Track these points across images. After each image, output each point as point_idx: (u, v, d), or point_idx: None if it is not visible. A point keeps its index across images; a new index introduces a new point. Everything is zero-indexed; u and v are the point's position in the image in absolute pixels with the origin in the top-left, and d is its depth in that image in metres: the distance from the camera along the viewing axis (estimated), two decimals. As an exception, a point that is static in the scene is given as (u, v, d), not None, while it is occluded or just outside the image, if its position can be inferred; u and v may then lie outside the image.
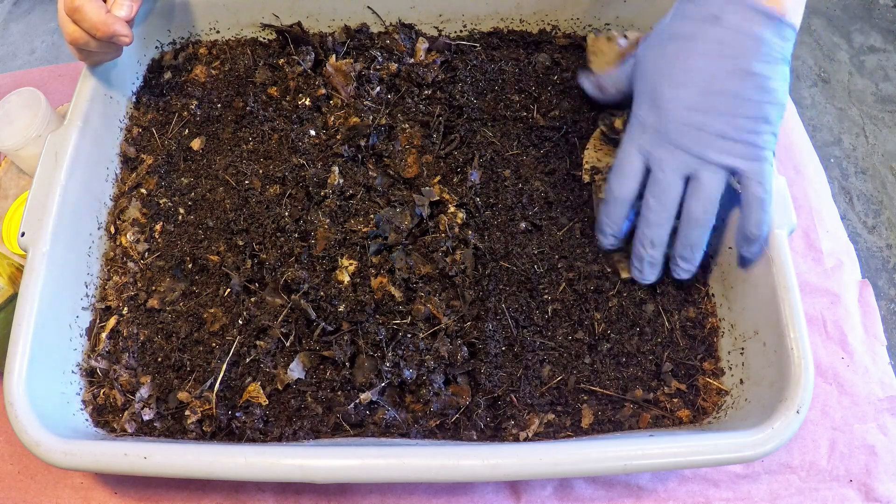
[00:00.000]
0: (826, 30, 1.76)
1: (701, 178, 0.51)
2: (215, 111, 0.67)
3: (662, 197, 0.52)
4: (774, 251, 0.52)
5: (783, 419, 0.46)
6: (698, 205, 0.51)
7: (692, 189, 0.51)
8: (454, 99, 0.65)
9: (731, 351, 0.55)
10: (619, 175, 0.54)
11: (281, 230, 0.58)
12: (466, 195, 0.60)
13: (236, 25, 0.71)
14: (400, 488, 0.55)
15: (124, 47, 0.58)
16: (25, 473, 0.57)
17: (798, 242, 0.67)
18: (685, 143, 0.50)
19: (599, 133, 0.62)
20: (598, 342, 0.56)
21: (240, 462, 0.45)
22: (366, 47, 0.69)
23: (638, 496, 0.55)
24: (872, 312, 0.64)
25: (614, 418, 0.53)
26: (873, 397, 0.59)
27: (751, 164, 0.50)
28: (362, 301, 0.55)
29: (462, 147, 0.63)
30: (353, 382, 0.53)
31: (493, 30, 0.71)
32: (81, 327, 0.57)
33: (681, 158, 0.51)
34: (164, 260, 0.60)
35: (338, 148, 0.62)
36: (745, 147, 0.49)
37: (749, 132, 0.49)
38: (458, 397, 0.53)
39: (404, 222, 0.58)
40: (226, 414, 0.53)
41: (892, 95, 1.66)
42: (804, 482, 0.56)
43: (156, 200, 0.63)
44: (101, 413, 0.55)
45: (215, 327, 0.56)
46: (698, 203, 0.51)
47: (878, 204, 1.51)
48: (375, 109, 0.64)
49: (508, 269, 0.57)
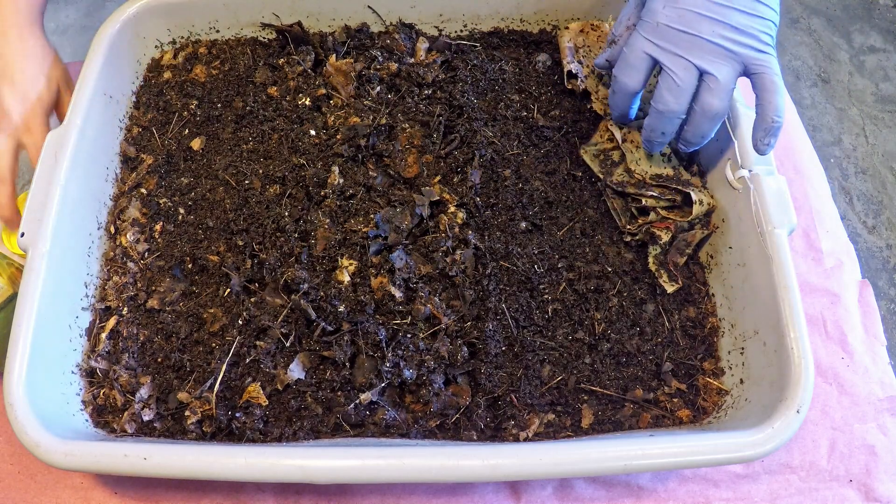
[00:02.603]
0: (826, 30, 1.76)
1: (716, 71, 0.51)
2: (215, 111, 0.67)
3: (676, 91, 0.52)
4: (774, 251, 0.52)
5: (783, 419, 0.46)
6: (714, 98, 0.52)
7: (708, 83, 0.52)
8: (454, 99, 0.65)
9: (731, 351, 0.55)
10: (627, 68, 0.55)
11: (281, 230, 0.58)
12: (466, 195, 0.60)
13: (236, 25, 0.70)
14: (400, 488, 0.55)
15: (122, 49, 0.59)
16: (25, 473, 0.57)
17: (798, 242, 0.67)
18: (702, 35, 0.51)
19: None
20: (598, 342, 0.56)
21: (240, 462, 0.45)
22: (366, 47, 0.69)
23: (638, 496, 0.55)
24: (872, 312, 0.64)
25: (614, 418, 0.53)
26: (873, 397, 0.59)
27: (763, 56, 0.52)
28: (362, 301, 0.54)
29: (462, 147, 0.63)
30: (353, 383, 0.53)
31: (494, 29, 0.71)
32: (81, 327, 0.57)
33: (697, 52, 0.52)
34: (164, 260, 0.60)
35: (338, 148, 0.62)
36: (756, 40, 0.51)
37: (759, 26, 0.51)
38: (458, 397, 0.53)
39: (404, 222, 0.58)
40: (226, 414, 0.53)
41: (892, 95, 1.66)
42: (804, 482, 0.56)
43: (156, 200, 0.63)
44: (101, 413, 0.55)
45: (215, 327, 0.56)
46: (714, 96, 0.52)
47: (878, 204, 1.51)
48: (375, 109, 0.64)
49: (508, 269, 0.57)
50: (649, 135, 0.56)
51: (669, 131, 0.55)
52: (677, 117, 0.54)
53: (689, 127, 0.54)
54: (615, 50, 0.59)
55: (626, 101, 0.57)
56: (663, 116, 0.54)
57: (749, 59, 0.51)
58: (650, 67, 0.54)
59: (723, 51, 0.51)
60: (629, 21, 0.58)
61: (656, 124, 0.55)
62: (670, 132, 0.55)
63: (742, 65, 0.52)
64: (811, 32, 1.75)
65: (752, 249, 0.54)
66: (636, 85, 0.55)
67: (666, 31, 0.52)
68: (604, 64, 0.61)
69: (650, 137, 0.56)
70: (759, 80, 0.52)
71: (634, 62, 0.54)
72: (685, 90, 0.52)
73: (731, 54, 0.51)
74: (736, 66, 0.52)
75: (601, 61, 0.61)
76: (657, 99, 0.54)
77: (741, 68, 0.52)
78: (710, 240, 0.60)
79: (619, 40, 0.59)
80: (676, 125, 0.55)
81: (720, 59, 0.51)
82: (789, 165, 0.71)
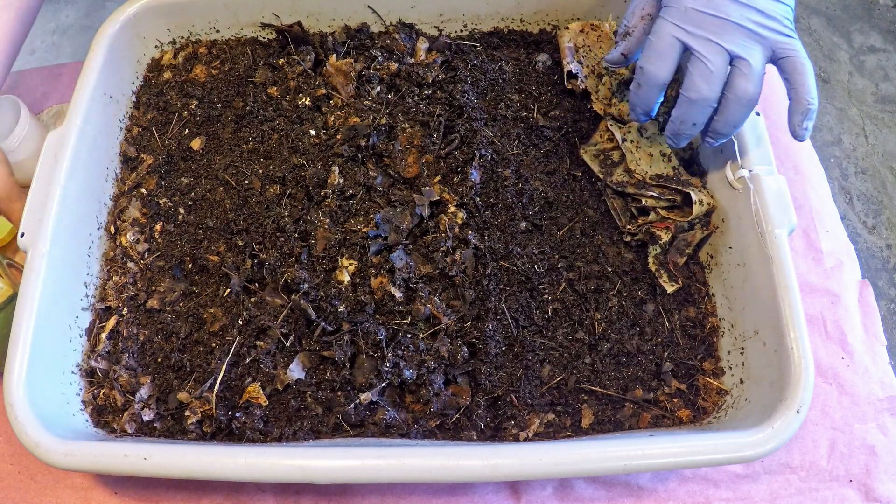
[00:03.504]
0: (826, 30, 1.76)
1: (749, 55, 0.50)
2: (215, 111, 0.67)
3: (709, 77, 0.50)
4: (774, 251, 0.52)
5: (783, 419, 0.46)
6: (749, 84, 0.50)
7: (741, 68, 0.50)
8: (454, 99, 0.65)
9: (731, 351, 0.55)
10: (655, 56, 0.52)
11: (281, 230, 0.58)
12: (466, 195, 0.60)
13: (236, 25, 0.70)
14: (400, 488, 0.55)
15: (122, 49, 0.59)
16: (25, 474, 0.57)
17: (798, 242, 0.67)
18: (731, 19, 0.50)
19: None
20: (598, 342, 0.56)
21: (240, 463, 0.45)
22: (366, 47, 0.69)
23: (638, 496, 0.55)
24: (872, 312, 0.64)
25: (614, 418, 0.53)
26: (873, 397, 0.59)
27: (790, 40, 0.51)
28: (362, 301, 0.54)
29: (462, 147, 0.63)
30: (353, 383, 0.53)
31: (494, 29, 0.71)
32: (81, 328, 0.57)
33: (728, 36, 0.50)
34: (164, 260, 0.60)
35: (338, 148, 0.62)
36: (780, 24, 0.51)
37: (781, 10, 0.51)
38: (458, 397, 0.53)
39: (404, 222, 0.58)
40: (226, 414, 0.53)
41: (892, 95, 1.66)
42: (804, 482, 0.56)
43: (156, 200, 0.63)
44: (101, 413, 0.55)
45: (215, 327, 0.56)
46: (749, 82, 0.50)
47: (878, 204, 1.51)
48: (375, 109, 0.64)
49: (508, 269, 0.57)
50: (678, 127, 0.53)
51: (701, 121, 0.53)
52: (710, 106, 0.51)
53: (721, 116, 0.52)
54: (631, 42, 0.56)
55: (653, 94, 0.54)
56: (695, 105, 0.51)
57: (777, 43, 0.50)
58: (679, 55, 0.52)
59: (753, 34, 0.50)
60: (644, 11, 0.55)
61: (687, 114, 0.52)
62: (701, 122, 0.53)
63: (770, 49, 0.51)
64: (811, 32, 1.75)
65: (752, 249, 0.54)
66: (666, 74, 0.52)
67: (695, 16, 0.51)
68: (618, 58, 0.57)
69: (679, 130, 0.54)
70: (788, 64, 0.51)
71: (663, 49, 0.52)
72: (718, 76, 0.50)
73: (761, 38, 0.50)
74: (765, 51, 0.51)
75: (615, 55, 0.57)
76: (688, 87, 0.51)
77: (770, 53, 0.51)
78: (710, 240, 0.60)
79: (633, 31, 0.56)
80: (708, 114, 0.52)
81: (751, 42, 0.50)
82: (789, 165, 0.71)
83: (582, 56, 0.67)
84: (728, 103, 0.51)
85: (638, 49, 0.56)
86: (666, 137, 0.56)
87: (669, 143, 0.55)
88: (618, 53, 0.57)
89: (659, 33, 0.52)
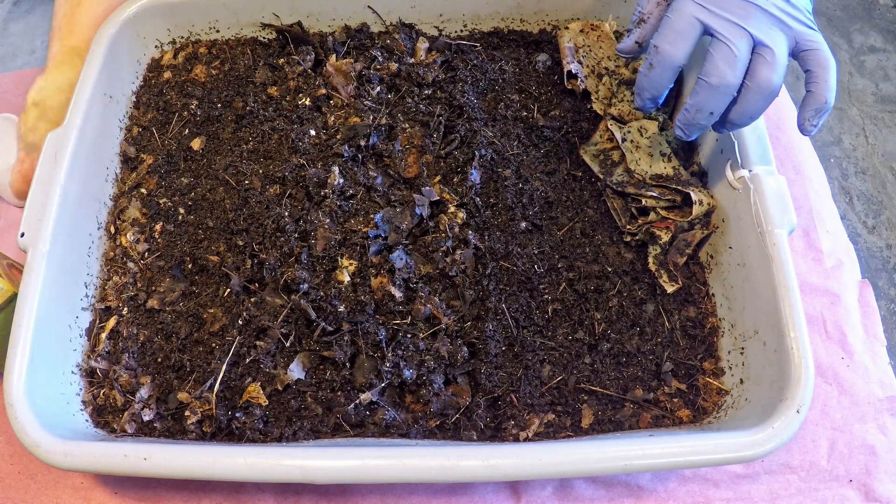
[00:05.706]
0: (826, 30, 1.76)
1: (773, 43, 0.48)
2: (215, 111, 0.67)
3: (733, 62, 0.48)
4: (774, 251, 0.52)
5: (783, 419, 0.46)
6: (772, 73, 0.48)
7: (764, 56, 0.48)
8: (454, 99, 0.65)
9: (731, 351, 0.55)
10: (673, 35, 0.49)
11: (281, 230, 0.58)
12: (466, 195, 0.60)
13: (236, 25, 0.70)
14: (400, 488, 0.55)
15: (122, 49, 0.59)
16: (25, 474, 0.57)
17: (798, 242, 0.67)
18: (757, 3, 0.48)
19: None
20: (598, 342, 0.56)
21: (240, 463, 0.45)
22: (366, 47, 0.69)
23: (638, 496, 0.55)
24: (872, 312, 0.64)
25: (614, 418, 0.53)
26: (873, 397, 0.59)
27: (813, 32, 0.49)
28: (362, 301, 0.54)
29: (462, 147, 0.63)
30: (353, 383, 0.53)
31: (494, 29, 0.71)
32: (81, 328, 0.57)
33: (753, 21, 0.48)
34: (164, 260, 0.60)
35: (338, 148, 0.62)
36: (804, 15, 0.49)
37: (803, 2, 0.49)
38: (458, 397, 0.53)
39: (404, 222, 0.58)
40: (226, 414, 0.53)
41: (892, 95, 1.66)
42: (804, 482, 0.56)
43: (156, 200, 0.63)
44: (101, 414, 0.55)
45: (215, 327, 0.56)
46: (772, 71, 0.48)
47: (878, 204, 1.51)
48: (375, 109, 0.64)
49: (508, 269, 0.57)
50: (693, 116, 0.50)
51: (718, 110, 0.50)
52: (730, 93, 0.49)
53: (739, 106, 0.50)
54: (646, 29, 0.53)
55: (666, 77, 0.51)
56: (716, 92, 0.48)
57: (801, 34, 0.48)
58: (698, 37, 0.49)
59: (779, 22, 0.48)
60: None
61: (705, 102, 0.49)
62: (719, 111, 0.50)
63: (794, 40, 0.48)
64: (811, 32, 1.75)
65: (752, 249, 0.54)
66: (682, 56, 0.50)
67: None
68: (632, 47, 0.54)
69: (693, 119, 0.51)
70: (812, 57, 0.48)
71: (683, 29, 0.49)
72: (742, 61, 0.48)
73: (786, 27, 0.48)
74: (789, 41, 0.48)
75: (629, 44, 0.54)
76: (710, 72, 0.48)
77: (793, 44, 0.49)
78: (710, 240, 0.60)
79: (649, 18, 0.53)
80: (727, 103, 0.50)
81: (776, 30, 0.48)
82: (789, 165, 0.71)
83: (582, 56, 0.67)
84: (748, 92, 0.49)
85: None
86: (675, 128, 0.53)
87: (679, 134, 0.53)
88: (631, 42, 0.54)
89: (679, 11, 0.49)
